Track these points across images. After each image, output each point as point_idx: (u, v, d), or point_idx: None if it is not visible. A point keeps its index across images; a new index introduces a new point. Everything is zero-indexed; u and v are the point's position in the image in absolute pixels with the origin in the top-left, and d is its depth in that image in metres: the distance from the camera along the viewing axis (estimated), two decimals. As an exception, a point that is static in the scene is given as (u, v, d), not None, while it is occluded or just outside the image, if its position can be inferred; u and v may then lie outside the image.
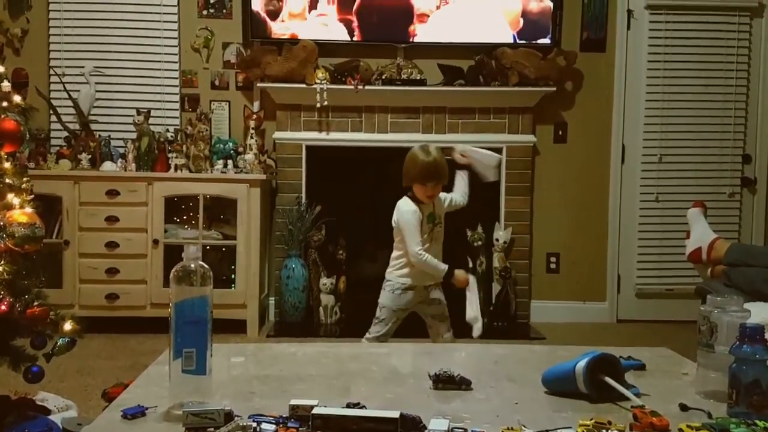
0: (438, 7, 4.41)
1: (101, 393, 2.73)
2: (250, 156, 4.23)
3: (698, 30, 4.58)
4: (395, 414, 1.23)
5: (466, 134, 4.45)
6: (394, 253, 2.93)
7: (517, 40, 4.43)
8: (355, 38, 4.41)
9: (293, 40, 4.35)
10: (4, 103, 2.22)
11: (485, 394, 1.53)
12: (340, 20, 4.39)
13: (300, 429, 1.24)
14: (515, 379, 1.66)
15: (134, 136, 4.24)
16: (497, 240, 4.45)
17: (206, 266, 1.39)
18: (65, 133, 4.34)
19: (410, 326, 4.26)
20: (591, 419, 1.29)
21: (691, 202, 3.28)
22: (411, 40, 4.42)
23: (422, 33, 4.42)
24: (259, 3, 4.36)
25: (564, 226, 4.65)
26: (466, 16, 4.42)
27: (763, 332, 1.39)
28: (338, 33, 4.40)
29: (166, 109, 4.52)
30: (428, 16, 4.41)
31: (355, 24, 4.40)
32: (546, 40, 4.44)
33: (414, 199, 2.84)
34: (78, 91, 4.32)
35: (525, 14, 4.44)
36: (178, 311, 1.36)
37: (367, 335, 2.94)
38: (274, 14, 4.38)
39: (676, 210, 4.40)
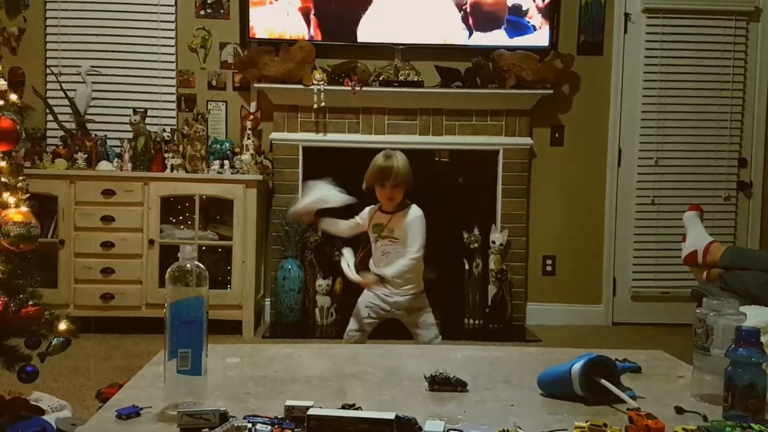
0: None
1: (95, 393, 2.71)
2: (246, 157, 4.23)
3: (695, 34, 4.60)
4: (390, 415, 1.22)
5: (463, 136, 4.46)
6: None
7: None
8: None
9: (290, 41, 4.35)
10: (1, 102, 2.21)
11: (481, 396, 1.53)
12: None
13: (295, 430, 1.23)
14: (511, 382, 1.65)
15: (130, 135, 4.23)
16: (493, 242, 4.46)
17: (202, 266, 1.38)
18: (61, 133, 4.33)
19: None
20: (586, 422, 1.29)
21: (686, 206, 3.28)
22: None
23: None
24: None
25: (560, 228, 4.65)
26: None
27: (759, 335, 1.39)
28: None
29: (163, 109, 4.51)
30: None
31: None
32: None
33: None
34: (74, 90, 4.32)
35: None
36: (173, 311, 1.36)
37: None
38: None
39: (671, 213, 4.42)
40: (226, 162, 4.23)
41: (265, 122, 4.49)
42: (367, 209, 2.93)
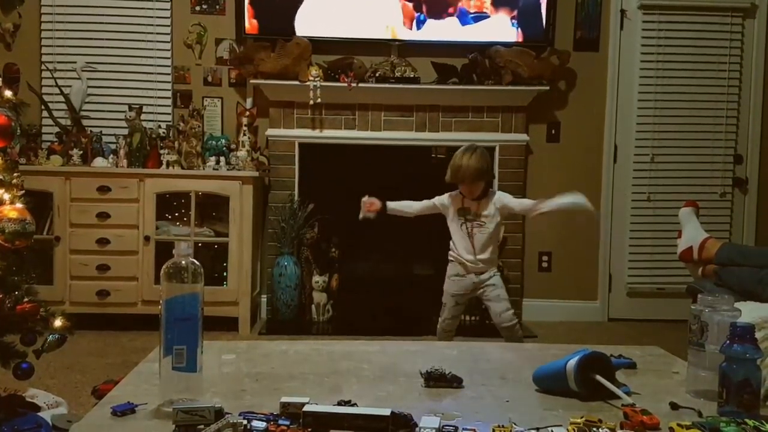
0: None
1: (91, 390, 2.72)
2: (242, 153, 4.22)
3: (691, 30, 4.60)
4: (386, 412, 1.22)
5: (460, 133, 4.45)
6: None
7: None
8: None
9: (287, 37, 4.34)
10: (-5, 98, 2.20)
11: (476, 392, 1.53)
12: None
13: (291, 426, 1.23)
14: (506, 377, 1.66)
15: (126, 132, 4.22)
16: (490, 238, 4.46)
17: (197, 263, 1.38)
18: (57, 129, 4.31)
19: (407, 323, 4.26)
20: (582, 417, 1.30)
21: (682, 202, 3.28)
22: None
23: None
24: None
25: (556, 225, 4.65)
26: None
27: (754, 331, 1.39)
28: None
29: (158, 105, 4.50)
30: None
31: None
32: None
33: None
34: (70, 86, 4.31)
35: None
36: (168, 308, 1.36)
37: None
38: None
39: (667, 209, 4.42)
40: (222, 158, 4.22)
41: (261, 118, 4.48)
42: (447, 194, 3.24)
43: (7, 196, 2.12)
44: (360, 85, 4.30)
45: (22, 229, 2.08)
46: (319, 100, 4.26)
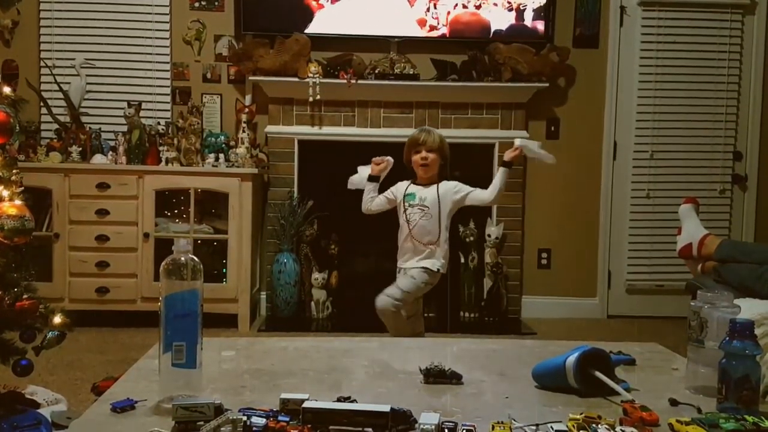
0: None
1: (91, 387, 2.72)
2: (241, 150, 4.21)
3: (690, 27, 4.60)
4: (386, 408, 1.22)
5: (459, 130, 4.45)
6: None
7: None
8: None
9: (286, 34, 4.33)
10: (-6, 95, 2.20)
11: (476, 388, 1.54)
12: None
13: (290, 423, 1.23)
14: (506, 374, 1.66)
15: (125, 128, 4.22)
16: (489, 236, 4.46)
17: (197, 259, 1.38)
18: (56, 126, 4.31)
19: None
20: (581, 414, 1.30)
21: (681, 199, 3.28)
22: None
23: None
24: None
25: (555, 222, 4.66)
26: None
27: (753, 328, 1.39)
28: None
29: (158, 102, 4.49)
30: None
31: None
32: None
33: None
34: (69, 83, 4.29)
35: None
36: (168, 305, 1.36)
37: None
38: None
39: (667, 206, 4.42)
40: (221, 155, 4.21)
41: (260, 115, 4.47)
42: (400, 183, 3.23)
43: (6, 193, 2.12)
44: (359, 81, 4.29)
45: (21, 226, 2.07)
46: (318, 96, 4.26)
